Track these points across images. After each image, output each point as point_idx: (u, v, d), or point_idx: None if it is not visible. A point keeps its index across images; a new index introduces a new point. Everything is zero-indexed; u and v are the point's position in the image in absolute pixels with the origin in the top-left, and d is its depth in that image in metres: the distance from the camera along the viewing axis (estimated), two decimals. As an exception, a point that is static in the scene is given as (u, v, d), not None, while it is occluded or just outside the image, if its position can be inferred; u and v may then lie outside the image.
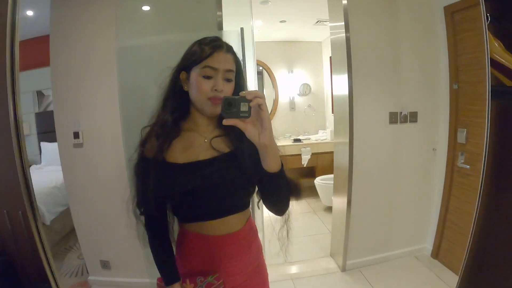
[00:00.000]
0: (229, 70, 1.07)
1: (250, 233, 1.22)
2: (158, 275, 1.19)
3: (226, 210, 1.14)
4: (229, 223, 1.15)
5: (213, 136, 1.14)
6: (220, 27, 2.27)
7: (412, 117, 2.69)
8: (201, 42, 1.09)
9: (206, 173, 1.08)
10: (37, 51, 2.47)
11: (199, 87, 1.05)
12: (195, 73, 1.06)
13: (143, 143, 1.12)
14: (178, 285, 1.13)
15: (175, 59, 1.16)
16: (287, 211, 1.14)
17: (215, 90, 1.04)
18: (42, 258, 1.49)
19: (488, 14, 1.66)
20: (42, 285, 1.63)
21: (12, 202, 1.82)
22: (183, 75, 1.11)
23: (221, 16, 2.28)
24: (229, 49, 1.09)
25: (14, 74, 1.39)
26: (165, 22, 2.35)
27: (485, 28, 1.57)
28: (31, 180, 1.48)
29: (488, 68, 1.54)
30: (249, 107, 0.94)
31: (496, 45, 1.72)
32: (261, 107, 0.94)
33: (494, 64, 1.71)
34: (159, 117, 1.14)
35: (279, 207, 1.12)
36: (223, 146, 1.13)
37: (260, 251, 1.31)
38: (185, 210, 1.14)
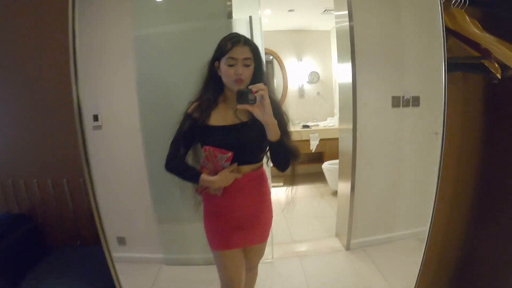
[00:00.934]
0: (247, 58, 1.46)
1: (261, 176, 1.68)
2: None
3: (244, 161, 1.56)
4: (246, 169, 1.59)
5: (237, 108, 1.50)
6: (230, 16, 2.38)
7: (415, 101, 2.76)
8: (225, 39, 1.49)
9: (231, 133, 1.52)
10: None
11: (226, 73, 1.46)
12: (223, 62, 1.47)
13: (192, 110, 1.56)
14: (203, 175, 1.54)
15: (187, 46, 1.36)
16: (289, 168, 1.58)
17: (236, 74, 1.44)
18: (97, 222, 1.87)
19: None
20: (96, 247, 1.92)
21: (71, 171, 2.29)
22: (216, 64, 1.51)
23: (230, 6, 2.38)
24: (246, 41, 1.48)
25: (75, 55, 1.76)
26: (177, 11, 2.44)
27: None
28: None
29: (443, 38, 1.85)
30: (255, 96, 1.38)
31: (470, 23, 1.90)
32: (263, 97, 1.38)
33: (467, 41, 1.94)
34: (203, 94, 1.58)
35: (281, 164, 1.57)
36: (244, 116, 1.55)
37: (269, 194, 1.77)
38: None
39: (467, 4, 1.97)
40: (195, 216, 1.87)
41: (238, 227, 1.63)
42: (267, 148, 1.60)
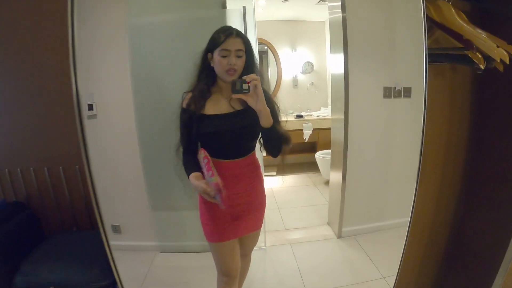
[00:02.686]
0: (239, 50, 1.54)
1: (253, 163, 1.76)
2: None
3: (237, 149, 1.66)
4: (239, 152, 1.68)
5: (231, 98, 1.59)
6: (223, 6, 2.40)
7: (406, 92, 2.79)
8: (218, 31, 1.56)
9: (224, 122, 1.59)
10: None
11: (219, 63, 1.54)
12: (216, 54, 1.54)
13: (187, 104, 1.61)
14: (192, 175, 1.54)
15: (180, 35, 1.40)
16: (280, 154, 1.65)
17: (229, 64, 1.52)
18: (94, 207, 1.93)
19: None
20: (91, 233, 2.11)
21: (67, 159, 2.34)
22: (209, 55, 1.58)
23: (224, -5, 2.41)
24: (238, 34, 1.55)
25: (74, 46, 1.82)
26: (172, 0, 2.45)
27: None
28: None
29: (424, 28, 1.92)
30: (249, 86, 1.47)
31: (455, 15, 1.94)
32: (256, 86, 1.47)
33: (451, 33, 1.99)
34: (197, 85, 1.64)
35: (274, 149, 1.64)
36: (238, 105, 1.61)
37: (262, 180, 1.85)
38: (210, 147, 1.60)
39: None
40: (189, 203, 1.92)
41: (233, 217, 1.70)
42: (260, 135, 1.66)
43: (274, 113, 1.59)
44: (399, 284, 2.16)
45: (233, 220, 1.70)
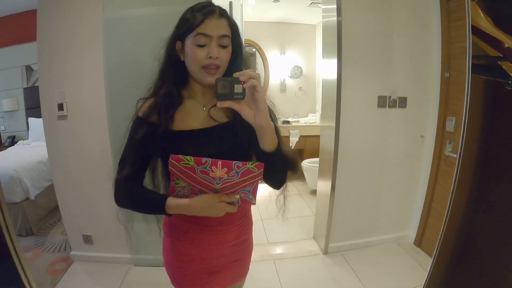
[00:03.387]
0: (224, 36, 1.04)
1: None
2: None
3: None
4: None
5: (211, 105, 1.12)
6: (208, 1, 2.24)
7: (401, 102, 2.68)
8: (193, 9, 1.05)
9: (202, 142, 1.07)
10: (25, 26, 2.43)
11: (194, 56, 1.03)
12: (189, 41, 1.03)
13: (146, 113, 1.09)
14: (170, 199, 1.06)
15: (163, 31, 1.13)
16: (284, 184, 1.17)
17: (210, 57, 1.02)
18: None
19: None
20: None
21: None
22: (178, 45, 1.08)
23: (211, -10, 2.24)
24: (223, 13, 1.06)
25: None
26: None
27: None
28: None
29: (469, 36, 1.51)
30: (243, 89, 0.96)
31: (484, 18, 1.70)
32: (255, 88, 0.96)
33: (480, 34, 1.70)
34: (160, 88, 1.12)
35: (275, 182, 1.14)
36: (221, 116, 1.13)
37: (251, 223, 1.36)
38: None
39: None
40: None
41: (215, 271, 1.24)
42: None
43: (276, 129, 1.08)
44: None
45: (215, 274, 1.24)
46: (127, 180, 1.09)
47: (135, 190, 1.10)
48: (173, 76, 1.11)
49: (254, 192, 1.06)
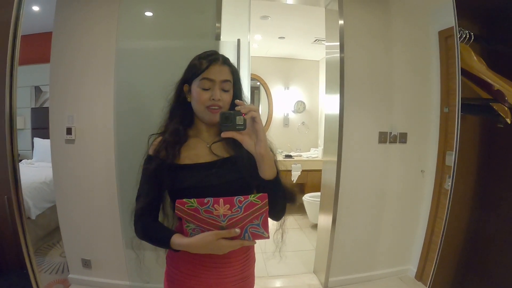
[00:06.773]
0: (226, 80, 1.18)
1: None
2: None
3: None
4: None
5: (213, 142, 1.23)
6: (218, 37, 2.32)
7: (402, 138, 2.72)
8: (199, 57, 1.21)
9: (204, 174, 1.16)
10: (39, 47, 2.49)
11: (198, 98, 1.16)
12: (195, 85, 1.18)
13: (156, 151, 1.20)
14: (175, 237, 1.09)
15: (171, 64, 1.22)
16: (283, 216, 1.22)
17: (213, 99, 1.15)
18: (24, 251, 1.49)
19: (472, 33, 1.73)
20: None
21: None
22: (185, 87, 1.23)
23: (219, 28, 2.33)
24: (225, 61, 1.20)
25: (13, 68, 1.49)
26: (165, 28, 2.39)
27: (457, 41, 1.64)
28: (19, 170, 1.47)
29: (458, 78, 1.58)
30: (244, 120, 1.06)
31: (477, 61, 1.75)
32: (255, 119, 1.07)
33: (474, 79, 1.75)
34: (168, 126, 1.25)
35: (275, 212, 1.16)
36: (223, 151, 1.23)
37: (254, 262, 1.37)
38: None
39: (472, 40, 1.78)
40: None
41: None
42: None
43: (275, 161, 1.16)
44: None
45: None
46: (142, 213, 1.18)
47: (148, 224, 1.19)
48: (181, 115, 1.25)
49: (264, 225, 1.06)
